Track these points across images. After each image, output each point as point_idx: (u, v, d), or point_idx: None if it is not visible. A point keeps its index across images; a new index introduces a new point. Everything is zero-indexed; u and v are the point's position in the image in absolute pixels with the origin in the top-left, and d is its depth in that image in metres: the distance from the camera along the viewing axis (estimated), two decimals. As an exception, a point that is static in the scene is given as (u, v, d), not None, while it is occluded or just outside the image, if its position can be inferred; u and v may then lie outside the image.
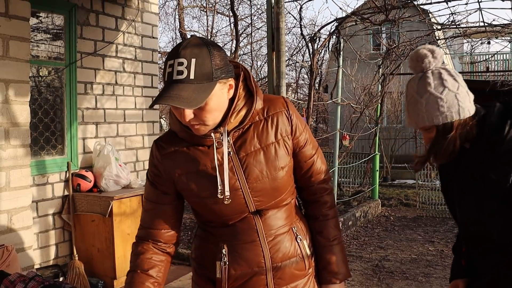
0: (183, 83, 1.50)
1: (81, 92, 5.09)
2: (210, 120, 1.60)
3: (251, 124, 1.72)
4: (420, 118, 1.74)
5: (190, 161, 1.70)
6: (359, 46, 11.60)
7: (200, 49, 1.54)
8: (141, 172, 5.83)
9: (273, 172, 1.72)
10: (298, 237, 1.80)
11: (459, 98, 1.70)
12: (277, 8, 4.64)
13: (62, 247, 4.93)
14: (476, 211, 1.77)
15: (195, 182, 1.70)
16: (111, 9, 5.43)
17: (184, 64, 1.51)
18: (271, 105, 1.75)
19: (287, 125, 1.75)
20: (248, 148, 1.70)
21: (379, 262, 6.06)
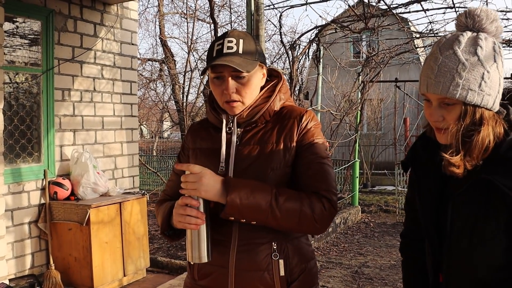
0: (234, 55, 1.70)
1: (59, 99, 5.03)
2: (248, 97, 1.77)
3: (264, 124, 1.82)
4: (451, 84, 1.37)
5: (205, 139, 1.88)
6: (339, 54, 11.68)
7: (246, 34, 1.78)
8: (119, 180, 5.77)
9: (261, 169, 1.72)
10: (274, 254, 1.73)
11: (501, 83, 1.38)
12: (256, 15, 4.65)
13: (38, 257, 4.85)
14: (469, 237, 1.46)
15: (205, 157, 1.84)
16: (90, 15, 5.38)
17: (234, 42, 1.72)
18: (289, 112, 1.82)
19: (295, 131, 1.77)
20: (249, 142, 1.78)
21: (358, 269, 6.07)
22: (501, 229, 1.40)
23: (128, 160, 5.92)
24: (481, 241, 1.43)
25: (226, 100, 1.75)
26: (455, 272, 1.53)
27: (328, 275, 5.83)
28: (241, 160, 1.75)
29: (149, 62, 16.70)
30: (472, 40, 1.38)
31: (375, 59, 9.61)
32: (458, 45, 1.38)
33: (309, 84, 14.05)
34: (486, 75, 1.36)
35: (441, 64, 1.38)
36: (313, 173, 1.72)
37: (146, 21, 23.39)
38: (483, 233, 1.43)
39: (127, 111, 5.89)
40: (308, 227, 1.68)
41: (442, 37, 1.44)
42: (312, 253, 1.89)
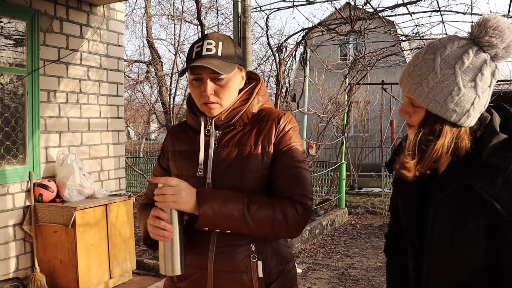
0: (213, 58, 1.72)
1: (44, 100, 4.99)
2: (226, 99, 1.78)
3: (242, 126, 1.83)
4: (418, 88, 1.39)
5: (184, 141, 1.90)
6: (326, 56, 11.72)
7: (225, 37, 1.80)
8: (105, 182, 5.74)
9: (239, 172, 1.73)
10: (252, 255, 1.74)
11: (475, 104, 1.37)
12: (243, 17, 4.65)
13: (23, 259, 4.80)
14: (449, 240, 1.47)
15: (184, 159, 1.85)
16: (76, 16, 5.35)
17: (213, 44, 1.74)
18: (267, 115, 1.84)
19: (273, 134, 1.78)
20: (227, 145, 1.79)
21: (345, 270, 6.09)
22: (481, 233, 1.42)
23: (115, 162, 5.89)
24: (461, 245, 1.45)
25: (204, 102, 1.76)
26: (436, 274, 1.55)
27: (314, 276, 5.85)
28: (219, 162, 1.76)
29: (136, 63, 16.64)
30: (459, 51, 1.36)
31: (361, 61, 9.67)
32: (442, 52, 1.37)
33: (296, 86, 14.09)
34: (455, 91, 1.35)
35: (417, 66, 1.39)
36: (289, 177, 1.74)
37: (133, 22, 23.31)
38: (463, 237, 1.44)
39: (113, 113, 5.86)
40: (282, 232, 1.70)
41: (447, 43, 1.40)
42: (291, 254, 1.90)
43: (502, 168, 1.36)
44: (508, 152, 1.38)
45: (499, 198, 1.34)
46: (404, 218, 1.63)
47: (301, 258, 6.66)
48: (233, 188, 1.72)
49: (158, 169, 1.99)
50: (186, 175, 1.80)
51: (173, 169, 1.89)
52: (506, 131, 1.44)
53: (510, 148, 1.39)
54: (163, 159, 1.97)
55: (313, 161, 9.93)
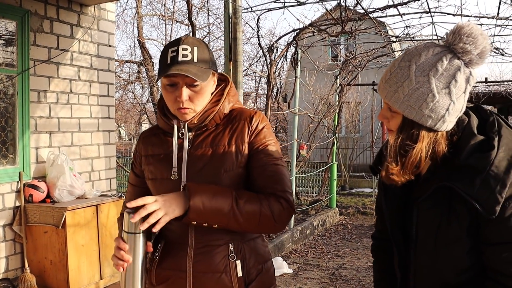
0: (189, 64, 1.70)
1: (34, 101, 4.97)
2: (199, 105, 1.77)
3: (214, 127, 1.83)
4: (394, 95, 1.42)
5: (157, 145, 1.88)
6: (317, 57, 11.75)
7: (200, 42, 1.78)
8: (96, 182, 5.73)
9: (214, 172, 1.74)
10: (231, 255, 1.76)
11: (450, 110, 1.40)
12: (234, 18, 4.66)
13: (12, 260, 4.78)
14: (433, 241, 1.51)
15: (157, 163, 1.84)
16: (66, 16, 5.34)
17: (188, 50, 1.71)
18: (239, 114, 1.85)
19: (246, 133, 1.80)
20: (200, 146, 1.79)
21: (336, 271, 6.12)
22: (464, 232, 1.46)
23: (105, 162, 5.88)
24: (445, 245, 1.48)
25: (178, 107, 1.75)
26: (422, 274, 1.58)
27: (305, 277, 5.86)
28: (194, 163, 1.77)
29: (127, 64, 16.60)
30: (434, 58, 1.39)
31: (352, 62, 9.70)
32: (417, 60, 1.40)
33: (287, 87, 14.11)
34: (430, 98, 1.38)
35: (394, 73, 1.42)
36: (268, 175, 1.75)
37: (124, 22, 23.26)
38: (447, 237, 1.48)
39: (104, 113, 5.85)
40: (268, 227, 1.72)
41: (416, 46, 1.44)
42: (269, 253, 1.92)
43: (479, 169, 1.39)
44: (485, 153, 1.41)
45: (478, 198, 1.38)
46: (389, 219, 1.66)
47: (292, 258, 6.68)
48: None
49: (133, 177, 1.98)
50: (161, 178, 1.81)
51: (147, 174, 1.87)
52: (484, 132, 1.47)
53: (487, 149, 1.42)
54: (136, 166, 1.96)
55: (304, 161, 9.96)
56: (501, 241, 1.42)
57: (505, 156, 1.41)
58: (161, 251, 1.82)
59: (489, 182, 1.38)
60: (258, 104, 22.33)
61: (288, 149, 10.91)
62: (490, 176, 1.38)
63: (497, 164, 1.39)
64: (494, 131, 1.46)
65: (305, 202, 10.01)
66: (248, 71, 18.17)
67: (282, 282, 5.66)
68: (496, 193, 1.37)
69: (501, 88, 15.30)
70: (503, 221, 1.40)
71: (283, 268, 5.97)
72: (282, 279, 5.74)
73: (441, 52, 1.40)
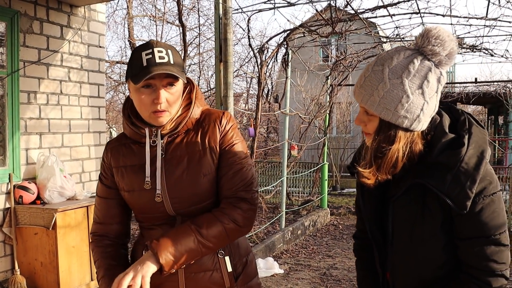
0: (167, 65, 1.68)
1: (24, 102, 4.95)
2: (175, 107, 1.76)
3: (185, 132, 1.82)
4: (370, 98, 1.46)
5: (128, 156, 1.83)
6: (308, 57, 11.78)
7: (171, 46, 1.77)
8: (87, 183, 5.71)
9: (194, 177, 1.75)
10: (219, 252, 1.80)
11: (424, 109, 1.45)
12: (225, 19, 4.67)
13: (2, 262, 4.76)
14: (409, 237, 1.57)
15: (132, 174, 1.81)
16: (56, 17, 5.32)
17: (164, 52, 1.69)
18: (207, 117, 1.85)
19: (217, 134, 1.81)
20: (175, 153, 1.78)
21: (327, 271, 6.13)
22: (438, 228, 1.52)
23: (96, 164, 5.86)
24: (421, 241, 1.54)
25: (155, 110, 1.71)
26: (400, 271, 1.64)
27: (296, 277, 5.88)
28: (171, 172, 1.76)
29: (117, 64, 16.55)
30: (405, 61, 1.44)
31: (343, 63, 9.73)
32: (389, 63, 1.44)
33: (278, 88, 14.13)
34: (404, 99, 1.42)
35: (368, 78, 1.46)
36: (233, 174, 1.78)
37: (114, 23, 23.15)
38: (422, 233, 1.53)
39: (94, 114, 5.84)
40: (237, 236, 1.78)
41: (393, 54, 1.47)
42: (249, 246, 1.99)
43: (450, 165, 1.45)
44: (455, 150, 1.47)
45: (450, 194, 1.44)
46: (367, 218, 1.71)
47: (283, 258, 6.69)
48: (189, 194, 1.76)
49: (104, 189, 1.90)
50: (138, 190, 1.79)
51: (122, 185, 1.83)
52: (455, 131, 1.53)
53: (457, 146, 1.48)
54: (106, 177, 1.90)
55: (295, 162, 9.98)
56: (472, 235, 1.49)
57: (474, 153, 1.47)
58: None
59: (460, 178, 1.44)
60: (249, 104, 22.33)
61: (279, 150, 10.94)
62: (461, 172, 1.44)
63: (467, 160, 1.45)
64: (465, 129, 1.52)
65: (296, 202, 10.03)
66: (239, 72, 18.20)
67: (273, 282, 5.67)
68: (466, 188, 1.43)
69: (491, 88, 15.41)
70: (474, 215, 1.46)
71: (274, 268, 5.98)
72: (273, 279, 5.75)
73: (412, 55, 1.45)
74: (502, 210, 1.50)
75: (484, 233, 1.47)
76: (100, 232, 1.91)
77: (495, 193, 1.48)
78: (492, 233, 1.48)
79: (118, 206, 1.88)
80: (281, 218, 7.59)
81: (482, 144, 1.50)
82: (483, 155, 1.48)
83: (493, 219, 1.47)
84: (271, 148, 15.46)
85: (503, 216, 1.50)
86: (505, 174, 10.99)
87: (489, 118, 22.48)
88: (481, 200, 1.46)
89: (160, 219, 1.80)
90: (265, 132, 21.31)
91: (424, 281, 1.60)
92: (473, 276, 1.51)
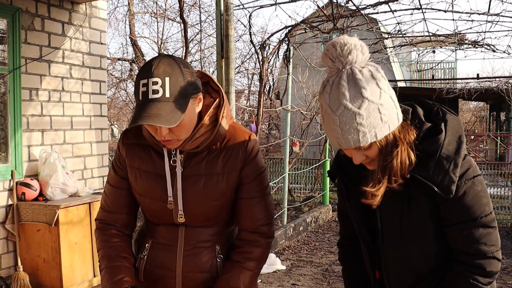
0: (160, 102, 1.54)
1: (26, 99, 4.96)
2: (183, 135, 1.65)
3: (207, 149, 1.75)
4: (336, 139, 1.45)
5: (145, 161, 1.78)
6: (309, 54, 11.76)
7: (172, 68, 1.58)
8: (89, 180, 5.72)
9: (207, 201, 1.75)
10: (218, 256, 1.82)
11: (382, 111, 1.42)
12: (226, 15, 4.67)
13: (5, 258, 4.77)
14: (399, 231, 1.58)
15: (146, 181, 1.77)
16: (58, 14, 5.32)
17: (159, 83, 1.54)
18: (232, 138, 1.77)
19: (239, 161, 1.76)
20: (193, 171, 1.74)
21: (329, 267, 6.14)
22: (427, 218, 1.54)
23: (98, 160, 5.87)
24: (410, 233, 1.57)
25: (161, 139, 1.66)
26: (393, 267, 1.64)
27: (298, 273, 5.89)
28: (187, 190, 1.75)
29: (119, 61, 16.55)
30: (353, 84, 1.40)
31: (344, 59, 9.70)
32: (344, 98, 1.40)
33: (280, 84, 14.12)
34: (381, 108, 1.41)
35: (341, 124, 1.42)
36: (256, 206, 1.79)
37: (116, 20, 23.16)
38: (411, 225, 1.56)
39: (96, 111, 5.84)
40: (263, 264, 1.85)
41: (324, 91, 1.45)
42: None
43: (432, 153, 1.49)
44: (434, 137, 1.50)
45: (435, 180, 1.46)
46: (355, 219, 1.72)
47: (285, 255, 6.70)
48: (198, 213, 1.76)
49: (117, 178, 1.86)
50: (150, 198, 1.78)
51: (134, 186, 1.81)
52: (431, 120, 1.56)
53: (435, 134, 1.51)
54: (120, 168, 1.85)
55: (297, 158, 9.98)
56: (459, 220, 1.52)
57: (453, 139, 1.51)
58: (149, 250, 1.84)
59: (442, 164, 1.47)
60: (251, 101, 22.33)
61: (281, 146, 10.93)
62: (442, 157, 1.47)
63: (446, 146, 1.49)
64: (440, 118, 1.55)
65: (298, 199, 10.04)
66: (241, 68, 18.18)
67: (276, 278, 5.68)
68: (450, 173, 1.47)
69: (493, 84, 15.37)
70: (458, 200, 1.49)
71: (276, 264, 5.99)
72: (275, 276, 5.76)
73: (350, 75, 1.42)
74: (485, 193, 1.53)
75: (470, 216, 1.50)
76: (108, 221, 1.87)
77: (476, 176, 1.52)
78: (478, 215, 1.51)
79: (128, 196, 1.86)
80: (283, 215, 7.60)
81: (458, 129, 1.54)
82: (460, 139, 1.52)
83: (477, 202, 1.51)
84: (272, 144, 15.47)
85: (487, 198, 1.53)
86: (507, 170, 10.99)
87: (491, 114, 22.44)
88: (463, 184, 1.49)
89: (166, 221, 1.80)
90: (266, 129, 21.31)
91: (420, 274, 1.61)
92: (465, 262, 1.53)
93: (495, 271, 1.53)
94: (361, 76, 1.41)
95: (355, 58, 1.42)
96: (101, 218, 1.89)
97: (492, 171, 11.06)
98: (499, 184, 10.59)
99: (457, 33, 8.09)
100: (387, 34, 9.09)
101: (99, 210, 1.92)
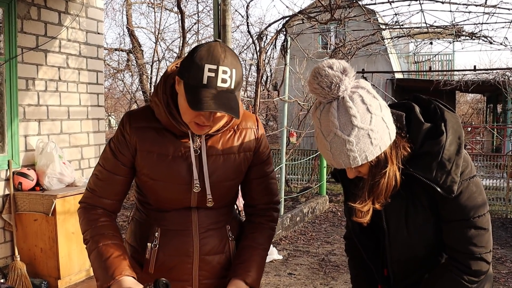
0: (228, 93, 1.56)
1: (23, 88, 4.95)
2: (219, 124, 1.70)
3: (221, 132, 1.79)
4: (329, 160, 1.50)
5: (158, 143, 1.72)
6: (307, 45, 11.75)
7: (236, 60, 1.60)
8: (86, 170, 5.72)
9: (222, 180, 1.77)
10: (230, 236, 1.86)
11: (372, 135, 1.43)
12: (223, 5, 4.65)
13: (2, 248, 4.78)
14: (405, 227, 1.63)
15: (164, 164, 1.72)
16: (54, 3, 5.29)
17: (228, 73, 1.55)
18: (243, 120, 1.83)
19: (253, 142, 1.83)
20: (211, 151, 1.75)
21: (325, 257, 6.17)
22: (429, 212, 1.60)
23: (95, 150, 5.87)
24: (417, 227, 1.62)
25: (197, 122, 1.63)
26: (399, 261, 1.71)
27: (295, 263, 5.92)
28: (213, 171, 1.76)
29: (116, 52, 16.50)
30: (343, 112, 1.42)
31: (342, 50, 9.72)
32: (334, 127, 1.42)
33: (277, 75, 14.11)
34: (371, 133, 1.43)
35: (332, 148, 1.46)
36: (266, 187, 1.90)
37: (113, 10, 23.09)
38: (416, 220, 1.61)
39: (93, 101, 5.83)
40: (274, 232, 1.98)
41: (315, 114, 1.49)
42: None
43: (434, 154, 1.52)
44: (435, 139, 1.53)
45: (438, 181, 1.51)
46: (356, 223, 1.74)
47: (282, 245, 6.73)
48: (219, 193, 1.77)
49: (116, 164, 1.77)
50: (168, 182, 1.73)
51: (145, 171, 1.74)
52: (429, 119, 1.58)
53: (437, 135, 1.54)
54: (123, 154, 1.76)
55: (294, 149, 9.99)
56: (454, 218, 1.57)
57: (453, 139, 1.54)
58: (159, 238, 1.77)
59: (445, 165, 1.51)
60: (248, 92, 22.30)
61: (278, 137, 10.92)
62: (444, 159, 1.51)
63: (448, 147, 1.52)
64: (439, 117, 1.57)
65: (295, 189, 10.06)
66: (238, 59, 18.10)
67: (272, 268, 5.71)
68: (452, 173, 1.51)
69: (490, 76, 15.38)
70: (455, 199, 1.54)
71: (273, 254, 6.02)
72: (272, 265, 5.79)
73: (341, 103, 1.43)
74: (480, 195, 1.58)
75: (464, 216, 1.55)
76: (95, 204, 1.80)
77: (472, 177, 1.56)
78: (472, 215, 1.55)
79: (124, 184, 1.79)
80: (280, 205, 7.62)
81: (458, 128, 1.57)
82: (460, 140, 1.56)
83: (471, 202, 1.55)
84: (270, 135, 15.46)
85: (482, 200, 1.58)
86: (503, 162, 11.02)
87: (487, 106, 22.49)
88: (460, 184, 1.54)
89: (180, 205, 1.78)
90: (264, 120, 21.31)
91: (420, 261, 1.69)
92: (454, 259, 1.60)
93: (481, 272, 1.59)
94: (351, 103, 1.42)
95: (343, 86, 1.42)
96: (87, 201, 1.83)
97: (488, 163, 11.11)
98: (495, 175, 10.65)
99: (454, 25, 8.09)
100: (385, 25, 9.07)
101: (85, 192, 1.85)
